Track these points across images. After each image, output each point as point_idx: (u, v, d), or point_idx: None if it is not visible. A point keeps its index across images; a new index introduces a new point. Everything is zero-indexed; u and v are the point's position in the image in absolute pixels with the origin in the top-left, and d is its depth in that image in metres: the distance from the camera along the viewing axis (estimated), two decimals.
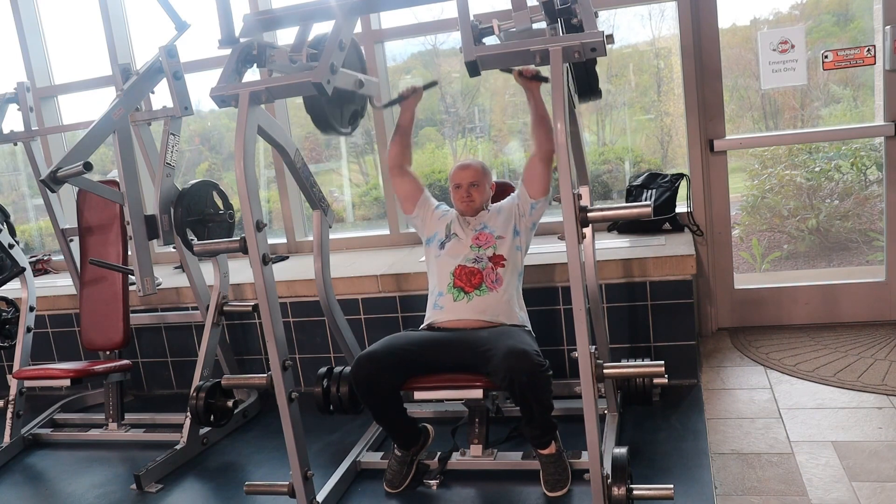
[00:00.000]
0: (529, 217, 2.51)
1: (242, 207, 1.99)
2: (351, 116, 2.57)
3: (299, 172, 2.59)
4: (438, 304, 2.47)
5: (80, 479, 2.77)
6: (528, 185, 2.47)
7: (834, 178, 3.93)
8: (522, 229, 2.52)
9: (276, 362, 2.05)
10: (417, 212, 2.62)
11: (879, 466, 2.21)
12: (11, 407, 3.11)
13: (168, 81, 2.85)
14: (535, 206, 2.49)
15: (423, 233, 2.63)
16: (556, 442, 2.28)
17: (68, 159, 2.54)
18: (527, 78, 2.25)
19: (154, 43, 2.91)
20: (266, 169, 4.27)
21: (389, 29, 3.73)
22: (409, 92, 2.54)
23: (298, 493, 2.12)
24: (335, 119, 2.46)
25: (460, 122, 4.12)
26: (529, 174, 2.46)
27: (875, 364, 2.96)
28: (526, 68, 2.22)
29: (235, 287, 3.34)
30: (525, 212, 2.50)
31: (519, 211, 2.51)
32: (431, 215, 2.62)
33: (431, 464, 2.47)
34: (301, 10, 2.15)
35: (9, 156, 5.03)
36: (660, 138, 3.87)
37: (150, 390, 3.69)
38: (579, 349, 1.79)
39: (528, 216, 2.51)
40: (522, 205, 2.50)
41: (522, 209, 2.50)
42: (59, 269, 4.43)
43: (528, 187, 2.47)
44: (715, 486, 2.19)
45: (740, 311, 3.59)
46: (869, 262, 3.94)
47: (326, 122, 2.43)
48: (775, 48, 3.25)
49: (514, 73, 2.25)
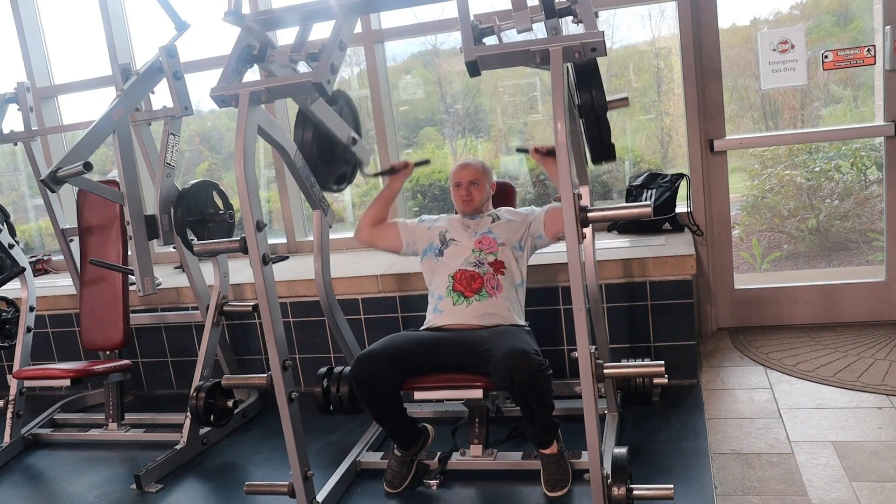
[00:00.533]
0: (534, 243, 2.56)
1: (242, 207, 1.99)
2: (339, 177, 2.66)
3: (299, 172, 2.59)
4: (438, 308, 2.47)
5: (80, 479, 2.77)
6: (549, 226, 2.51)
7: (834, 178, 3.93)
8: (526, 248, 2.56)
9: (276, 362, 2.05)
10: (406, 242, 2.64)
11: (879, 466, 2.21)
12: (11, 407, 3.11)
13: (168, 81, 2.85)
14: (542, 239, 2.55)
15: (418, 252, 2.65)
16: (557, 441, 2.28)
17: (68, 159, 2.54)
18: (542, 154, 2.39)
19: (154, 43, 2.91)
20: (266, 169, 4.27)
21: (389, 29, 3.73)
22: (402, 166, 2.64)
23: (298, 493, 2.12)
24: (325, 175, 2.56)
25: (460, 122, 4.12)
26: (554, 220, 2.49)
27: (875, 364, 2.96)
28: (541, 146, 2.40)
29: (235, 287, 3.34)
30: (533, 237, 2.55)
31: (528, 234, 2.55)
32: (419, 233, 2.64)
33: (431, 464, 2.47)
34: (301, 10, 2.15)
35: (9, 156, 5.03)
36: (660, 138, 3.87)
37: (150, 390, 3.69)
38: (579, 349, 1.79)
39: (533, 241, 2.56)
40: (534, 231, 2.54)
41: (532, 234, 2.54)
42: (59, 269, 4.43)
43: (547, 227, 2.52)
44: (715, 486, 2.19)
45: (740, 311, 3.59)
46: (869, 262, 3.94)
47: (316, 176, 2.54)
48: (775, 48, 3.25)
49: (530, 152, 2.42)
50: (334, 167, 2.61)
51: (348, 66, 4.10)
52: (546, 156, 2.39)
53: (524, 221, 2.56)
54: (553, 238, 2.53)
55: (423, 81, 4.08)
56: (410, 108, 4.15)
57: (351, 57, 3.98)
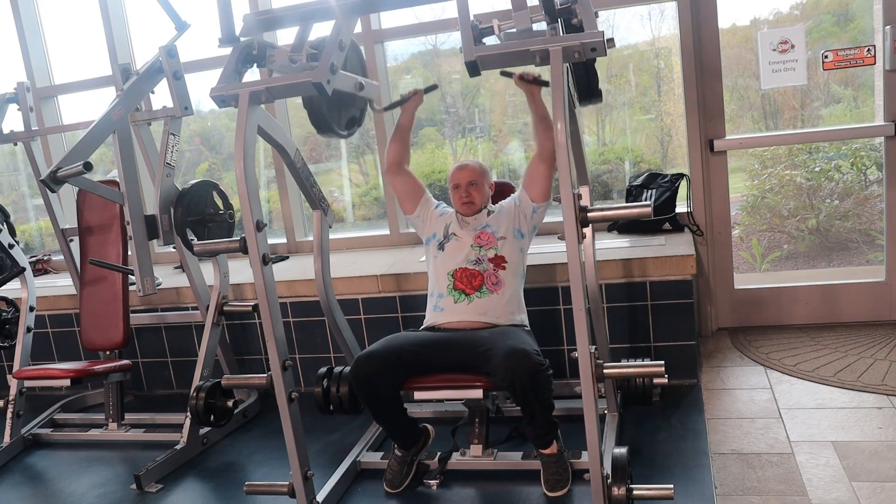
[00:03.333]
0: (530, 220, 2.51)
1: (242, 207, 1.99)
2: (349, 121, 2.57)
3: (299, 172, 2.59)
4: (439, 307, 2.47)
5: (80, 479, 2.77)
6: (529, 187, 2.47)
7: (834, 178, 3.93)
8: (526, 231, 2.52)
9: (276, 362, 2.05)
10: (419, 210, 2.61)
11: (879, 466, 2.21)
12: (11, 407, 3.11)
13: (168, 81, 2.85)
14: (536, 210, 2.49)
15: (422, 232, 2.63)
16: (557, 441, 2.28)
17: (68, 159, 2.54)
18: (527, 82, 2.26)
19: (154, 43, 2.91)
20: (266, 169, 4.27)
21: (389, 29, 3.73)
22: (411, 94, 2.55)
23: (298, 493, 2.12)
24: (333, 121, 2.46)
25: (460, 122, 4.12)
26: (531, 176, 2.46)
27: (875, 364, 2.96)
28: (526, 72, 2.24)
29: (235, 287, 3.34)
30: (527, 214, 2.50)
31: (521, 212, 2.50)
32: (431, 214, 2.62)
33: (431, 464, 2.47)
34: (301, 10, 2.15)
35: (9, 156, 5.03)
36: (660, 138, 3.87)
37: (150, 390, 3.69)
38: (579, 349, 1.79)
39: (529, 219, 2.50)
40: (524, 207, 2.49)
41: (525, 211, 2.50)
42: (59, 269, 4.43)
43: (528, 190, 2.47)
44: (715, 486, 2.19)
45: (740, 311, 3.59)
46: (869, 262, 3.94)
47: (324, 124, 2.43)
48: (775, 48, 3.25)
49: (514, 78, 2.26)
50: (343, 111, 2.53)
51: None
52: (531, 83, 2.27)
53: (513, 204, 2.53)
54: (543, 198, 2.45)
55: (423, 81, 4.08)
56: None
57: None
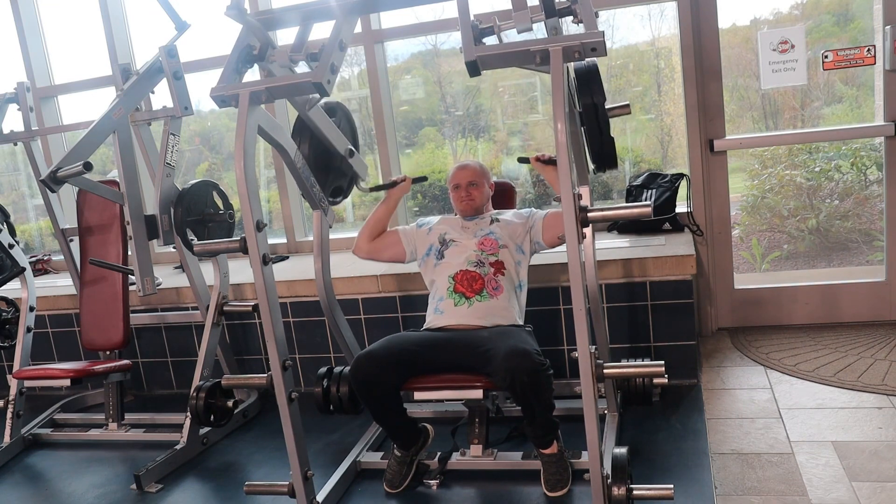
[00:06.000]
0: (532, 247, 2.58)
1: (242, 207, 1.99)
2: (334, 190, 2.68)
3: (299, 172, 2.58)
4: (439, 309, 2.47)
5: (80, 479, 2.77)
6: (548, 230, 2.53)
7: (834, 178, 3.93)
8: (527, 252, 2.57)
9: (276, 362, 2.05)
10: (409, 250, 2.66)
11: (879, 466, 2.21)
12: (11, 407, 3.11)
13: (168, 81, 2.85)
14: (541, 247, 2.57)
15: (419, 254, 2.65)
16: (557, 441, 2.28)
17: (68, 159, 2.54)
18: (543, 163, 2.46)
19: (154, 43, 2.91)
20: (266, 169, 4.27)
21: (389, 29, 3.73)
22: (399, 180, 2.68)
23: (298, 493, 2.12)
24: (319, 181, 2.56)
25: (460, 122, 4.12)
26: (555, 226, 2.50)
27: (875, 364, 2.96)
28: (541, 154, 2.50)
29: (235, 287, 3.34)
30: (532, 243, 2.56)
31: (528, 238, 2.56)
32: (419, 238, 2.65)
33: (431, 464, 2.47)
34: (301, 10, 2.15)
35: (9, 156, 5.03)
36: (660, 138, 3.87)
37: (150, 390, 3.69)
38: (579, 349, 1.79)
39: (531, 246, 2.57)
40: (533, 236, 2.56)
41: (532, 238, 2.56)
42: (59, 269, 4.43)
43: (546, 231, 2.53)
44: (715, 486, 2.19)
45: (740, 311, 3.59)
46: (869, 262, 3.94)
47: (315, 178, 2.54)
48: (775, 48, 3.25)
49: (531, 161, 2.51)
50: (331, 178, 2.62)
51: (348, 66, 4.10)
52: (546, 164, 2.46)
53: (525, 224, 2.56)
54: (550, 245, 2.55)
55: (423, 81, 4.08)
56: (411, 108, 4.15)
57: (351, 57, 3.98)
